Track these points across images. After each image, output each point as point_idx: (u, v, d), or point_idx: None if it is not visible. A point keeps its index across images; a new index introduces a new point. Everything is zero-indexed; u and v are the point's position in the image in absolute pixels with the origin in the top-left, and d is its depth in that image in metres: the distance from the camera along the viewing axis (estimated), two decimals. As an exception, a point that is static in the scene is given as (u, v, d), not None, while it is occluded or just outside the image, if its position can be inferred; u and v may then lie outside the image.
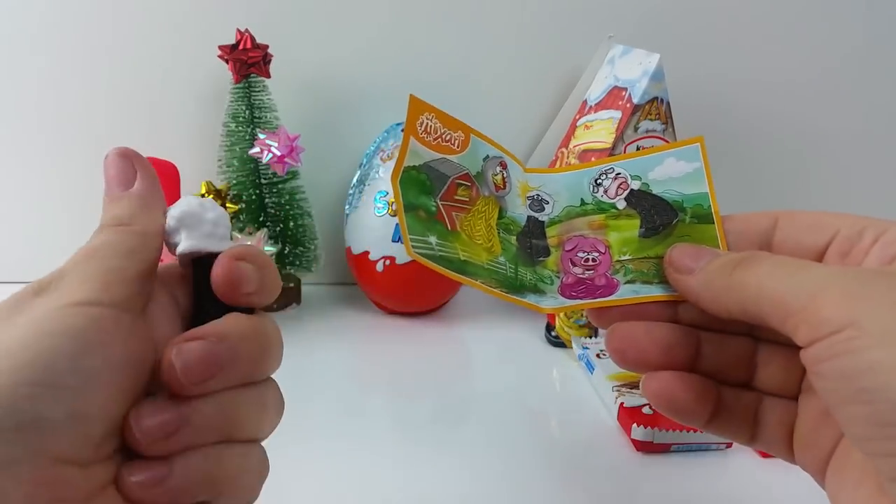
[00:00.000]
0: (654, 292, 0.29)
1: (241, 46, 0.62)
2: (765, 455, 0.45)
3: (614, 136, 0.62)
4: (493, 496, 0.42)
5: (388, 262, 0.64)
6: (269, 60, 0.64)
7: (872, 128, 0.76)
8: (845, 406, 0.19)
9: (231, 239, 0.26)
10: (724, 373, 0.28)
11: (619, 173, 0.33)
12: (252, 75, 0.63)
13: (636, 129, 0.62)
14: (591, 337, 0.61)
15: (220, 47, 0.62)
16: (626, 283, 0.30)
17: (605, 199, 0.32)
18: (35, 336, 0.19)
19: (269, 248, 0.63)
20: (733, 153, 0.76)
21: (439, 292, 0.69)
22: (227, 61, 0.63)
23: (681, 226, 0.31)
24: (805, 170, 0.77)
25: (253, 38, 0.62)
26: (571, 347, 0.62)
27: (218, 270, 0.23)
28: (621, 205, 0.32)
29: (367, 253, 0.65)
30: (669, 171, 0.33)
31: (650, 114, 0.62)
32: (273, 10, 0.68)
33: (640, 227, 0.31)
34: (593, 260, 0.31)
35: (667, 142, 0.63)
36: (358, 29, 0.69)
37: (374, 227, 0.64)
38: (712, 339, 0.28)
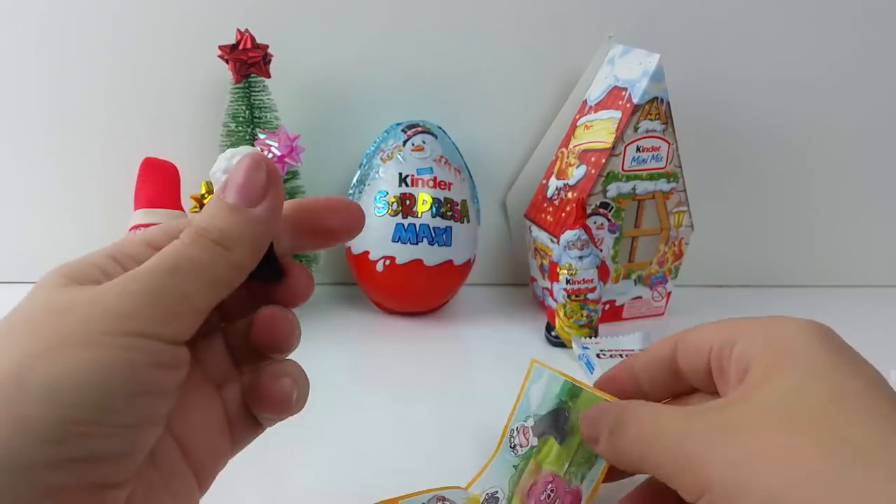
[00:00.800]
0: (600, 467, 0.35)
1: (241, 46, 0.62)
2: None
3: (614, 136, 0.62)
4: (494, 496, 0.42)
5: (388, 262, 0.64)
6: (270, 60, 0.64)
7: (873, 127, 0.76)
8: None
9: None
10: None
11: (517, 427, 0.41)
12: (252, 75, 0.63)
13: (636, 129, 0.62)
14: (590, 337, 0.61)
15: (220, 47, 0.62)
16: (581, 482, 0.36)
17: (523, 449, 0.40)
18: (86, 368, 0.18)
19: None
20: (733, 153, 0.76)
21: (439, 292, 0.69)
22: (227, 61, 0.63)
23: (573, 412, 0.38)
24: (805, 169, 0.77)
25: (253, 38, 0.62)
26: (571, 347, 0.62)
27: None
28: (535, 442, 0.39)
29: (366, 253, 0.65)
30: (537, 396, 0.41)
31: (650, 114, 0.62)
32: (273, 10, 0.68)
33: (556, 440, 0.38)
34: (551, 490, 0.37)
35: (667, 142, 0.63)
36: (358, 29, 0.69)
37: (374, 227, 0.64)
38: None
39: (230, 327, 0.27)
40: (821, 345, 0.24)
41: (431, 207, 0.64)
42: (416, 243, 0.64)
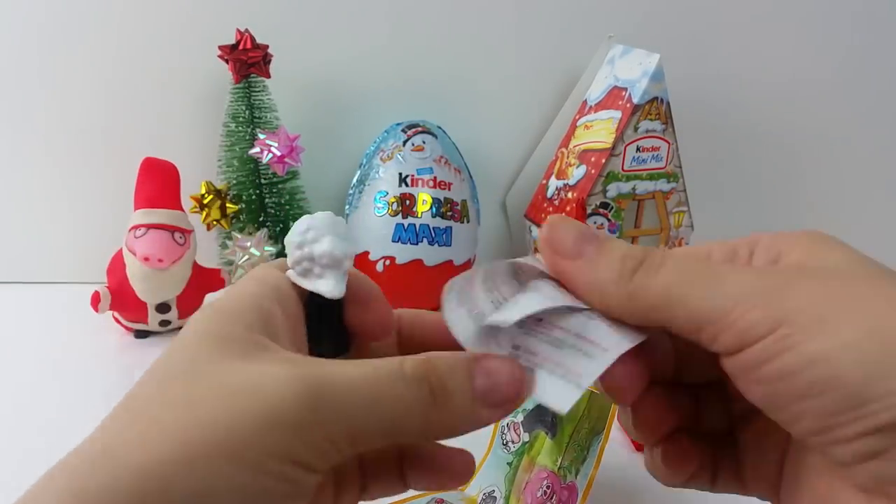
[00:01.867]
0: (593, 461, 0.34)
1: (241, 46, 0.62)
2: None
3: (614, 136, 0.62)
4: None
5: (388, 262, 0.64)
6: (269, 60, 0.64)
7: (872, 127, 0.76)
8: (792, 404, 0.19)
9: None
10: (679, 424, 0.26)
11: (507, 423, 0.41)
12: (252, 75, 0.63)
13: (636, 128, 0.62)
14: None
15: (221, 47, 0.62)
16: (576, 476, 0.36)
17: (515, 446, 0.40)
18: (227, 489, 0.18)
19: (269, 249, 0.64)
20: (732, 153, 0.76)
21: (439, 292, 0.69)
22: (227, 61, 0.63)
23: None
24: (804, 169, 0.77)
25: (253, 39, 0.62)
26: (571, 347, 0.62)
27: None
28: (526, 437, 0.39)
29: (367, 253, 0.65)
30: None
31: (650, 114, 0.62)
32: (273, 10, 0.68)
33: (547, 434, 0.37)
34: (547, 487, 0.37)
35: (667, 142, 0.63)
36: (358, 29, 0.69)
37: (374, 227, 0.64)
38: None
39: None
40: (845, 245, 0.23)
41: (431, 207, 0.64)
42: (416, 243, 0.64)
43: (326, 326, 0.24)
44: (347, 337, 0.25)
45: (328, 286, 0.23)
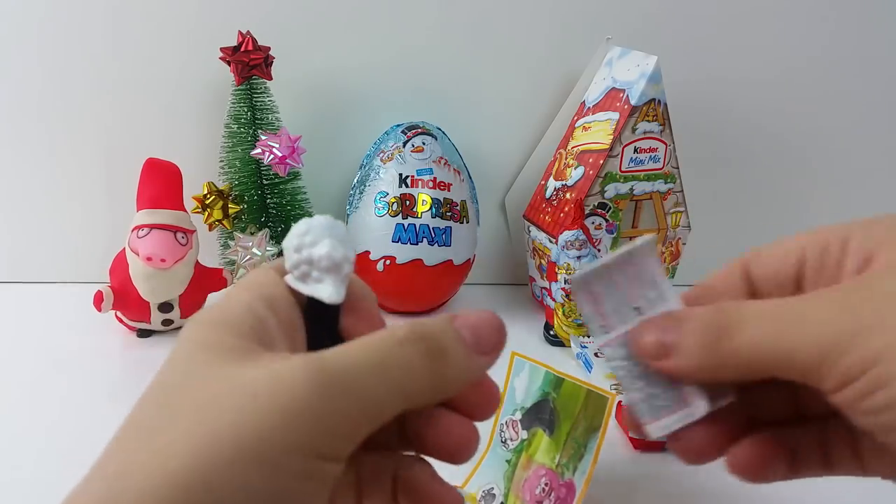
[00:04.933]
0: (590, 458, 0.34)
1: (242, 48, 0.62)
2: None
3: (612, 137, 0.62)
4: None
5: (388, 262, 0.65)
6: (271, 62, 0.64)
7: (870, 128, 0.77)
8: (893, 432, 0.20)
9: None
10: (771, 414, 0.26)
11: (506, 421, 0.41)
12: (254, 77, 0.64)
13: (634, 130, 0.62)
14: (589, 336, 0.62)
15: (222, 49, 0.63)
16: (573, 474, 0.36)
17: (514, 443, 0.40)
18: (247, 490, 0.17)
19: (271, 249, 0.64)
20: (730, 154, 0.77)
21: (439, 292, 0.70)
22: (229, 63, 0.63)
23: (557, 402, 0.38)
24: (803, 170, 0.78)
25: (255, 41, 0.63)
26: (570, 346, 0.62)
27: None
28: (524, 435, 0.40)
29: (367, 253, 0.65)
30: (521, 388, 0.41)
31: (648, 115, 0.62)
32: (275, 12, 0.68)
33: (544, 432, 0.38)
34: (546, 484, 0.37)
35: (664, 143, 0.63)
36: (359, 32, 0.70)
37: (375, 227, 0.65)
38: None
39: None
40: None
41: (431, 208, 0.65)
42: (416, 243, 0.64)
43: (326, 332, 0.23)
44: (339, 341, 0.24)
45: (327, 291, 0.22)
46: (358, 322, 0.24)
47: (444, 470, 0.23)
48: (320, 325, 0.23)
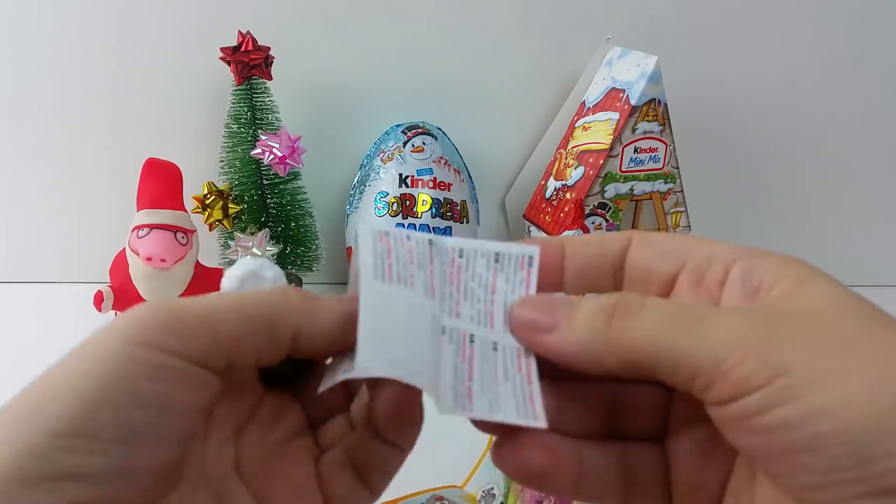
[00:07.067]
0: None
1: (242, 48, 0.62)
2: None
3: (612, 137, 0.62)
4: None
5: (388, 262, 0.65)
6: (271, 62, 0.64)
7: (869, 127, 0.77)
8: (787, 457, 0.18)
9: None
10: (584, 424, 0.24)
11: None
12: (254, 77, 0.64)
13: (634, 130, 0.62)
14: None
15: (222, 49, 0.63)
16: None
17: None
18: (76, 377, 0.18)
19: (271, 249, 0.64)
20: (730, 154, 0.77)
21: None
22: (228, 63, 0.63)
23: None
24: (802, 170, 0.78)
25: (255, 40, 0.63)
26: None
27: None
28: None
29: (367, 253, 0.65)
30: None
31: (648, 115, 0.62)
32: (275, 12, 0.68)
33: None
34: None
35: (664, 143, 0.64)
36: (359, 31, 0.70)
37: (375, 227, 0.65)
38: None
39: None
40: (830, 280, 0.21)
41: (431, 208, 0.65)
42: (416, 243, 0.64)
43: None
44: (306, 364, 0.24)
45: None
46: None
47: (444, 470, 0.23)
48: None
